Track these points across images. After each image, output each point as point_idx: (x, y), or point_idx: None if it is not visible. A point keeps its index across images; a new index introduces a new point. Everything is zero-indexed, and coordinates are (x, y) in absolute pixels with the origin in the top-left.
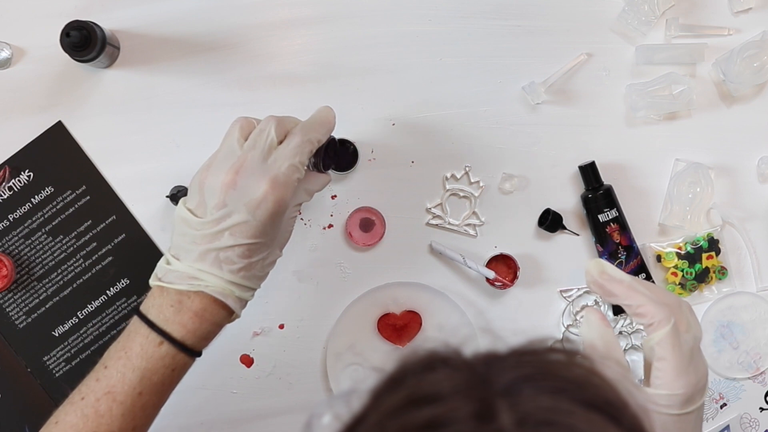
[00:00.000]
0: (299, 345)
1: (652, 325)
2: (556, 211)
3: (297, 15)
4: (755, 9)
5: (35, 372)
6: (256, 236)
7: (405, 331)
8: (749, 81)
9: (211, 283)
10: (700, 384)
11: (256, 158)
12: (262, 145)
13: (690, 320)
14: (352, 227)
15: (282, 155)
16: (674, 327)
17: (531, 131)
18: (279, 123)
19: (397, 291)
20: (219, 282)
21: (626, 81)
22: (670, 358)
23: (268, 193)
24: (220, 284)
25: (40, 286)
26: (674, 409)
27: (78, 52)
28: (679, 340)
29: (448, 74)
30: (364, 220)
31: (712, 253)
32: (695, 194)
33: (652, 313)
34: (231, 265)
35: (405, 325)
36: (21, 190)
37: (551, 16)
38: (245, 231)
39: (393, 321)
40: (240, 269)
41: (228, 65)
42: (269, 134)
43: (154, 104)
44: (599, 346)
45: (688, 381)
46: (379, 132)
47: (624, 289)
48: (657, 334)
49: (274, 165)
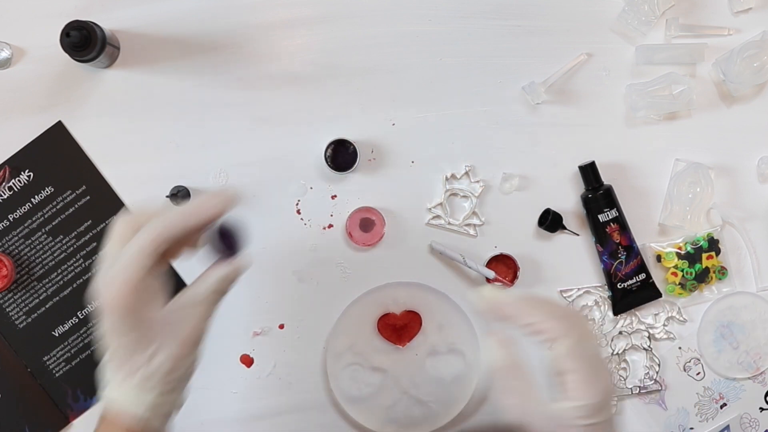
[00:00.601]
0: (299, 345)
1: (555, 340)
2: (556, 211)
3: (297, 15)
4: (755, 9)
5: (35, 372)
6: (112, 347)
7: (405, 331)
8: (749, 81)
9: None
10: (609, 391)
11: (104, 264)
12: (109, 252)
13: (589, 331)
14: (352, 227)
15: (120, 257)
16: (579, 338)
17: (531, 131)
18: (126, 224)
19: (397, 291)
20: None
21: (626, 81)
22: (579, 369)
23: (104, 301)
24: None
25: (40, 286)
26: (589, 419)
27: (78, 52)
28: (585, 351)
29: (448, 74)
30: (364, 220)
31: (712, 253)
32: (695, 194)
33: (554, 328)
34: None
35: (405, 325)
36: (21, 190)
37: (551, 16)
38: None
39: (393, 321)
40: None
41: (228, 65)
42: (111, 239)
43: (154, 104)
44: (502, 369)
45: (598, 389)
46: (379, 132)
47: (519, 309)
48: (562, 348)
49: (109, 269)
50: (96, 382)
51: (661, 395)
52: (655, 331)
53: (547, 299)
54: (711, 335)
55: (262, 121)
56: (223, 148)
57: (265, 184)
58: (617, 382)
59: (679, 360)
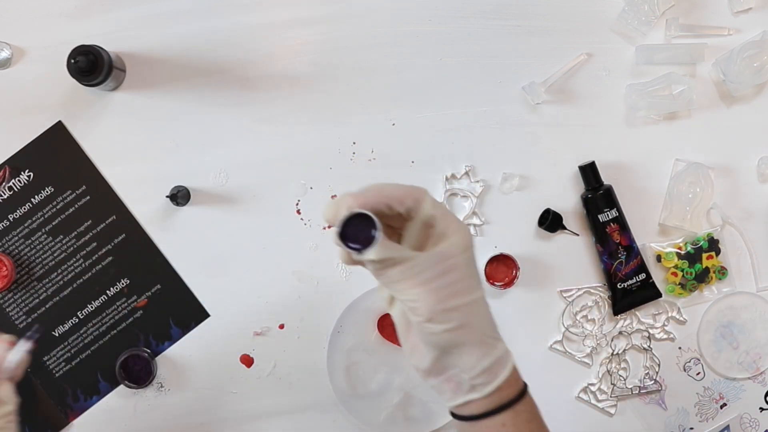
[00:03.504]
0: (299, 345)
1: (418, 201)
2: (556, 211)
3: (297, 15)
4: (755, 9)
5: (35, 372)
6: None
7: None
8: (749, 81)
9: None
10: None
11: None
12: None
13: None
14: None
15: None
16: (429, 194)
17: (531, 131)
18: None
19: None
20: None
21: (626, 81)
22: (447, 214)
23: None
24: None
25: (40, 286)
26: (469, 252)
27: (85, 77)
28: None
29: (448, 74)
30: None
31: (712, 253)
32: (695, 194)
33: (410, 194)
34: None
35: None
36: (21, 190)
37: (551, 16)
38: None
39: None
40: None
41: (228, 65)
42: None
43: (154, 104)
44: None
45: (465, 227)
46: (379, 132)
47: (372, 195)
48: (427, 204)
49: None
50: (96, 382)
51: (661, 395)
52: (655, 331)
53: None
54: (711, 335)
55: (262, 121)
56: (223, 148)
57: (265, 184)
58: (617, 382)
59: (679, 360)
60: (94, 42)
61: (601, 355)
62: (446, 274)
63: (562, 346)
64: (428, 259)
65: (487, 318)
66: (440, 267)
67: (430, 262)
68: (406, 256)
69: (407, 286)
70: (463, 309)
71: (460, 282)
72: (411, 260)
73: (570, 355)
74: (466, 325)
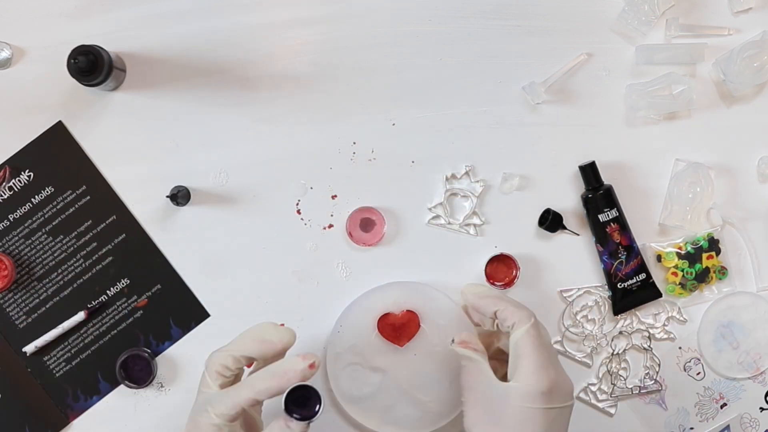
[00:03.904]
0: (299, 345)
1: (514, 325)
2: (556, 211)
3: (297, 15)
4: (755, 9)
5: (35, 372)
6: None
7: (404, 331)
8: (749, 81)
9: None
10: (561, 383)
11: (198, 400)
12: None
13: (543, 327)
14: (352, 227)
15: (211, 402)
16: (534, 325)
17: (531, 131)
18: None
19: (397, 291)
20: None
21: (626, 81)
22: (531, 354)
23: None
24: None
25: (40, 286)
26: (537, 403)
27: (85, 77)
28: (540, 339)
29: (448, 74)
30: (364, 220)
31: (712, 253)
32: (695, 194)
33: (514, 314)
34: None
35: (403, 324)
36: (21, 190)
37: (551, 16)
38: None
39: (392, 321)
40: None
41: (228, 65)
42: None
43: (154, 104)
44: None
45: (548, 376)
46: (379, 132)
47: (489, 300)
48: (519, 331)
49: (198, 412)
50: (96, 381)
51: (661, 395)
52: (655, 331)
53: (507, 296)
54: (711, 335)
55: (262, 121)
56: (223, 148)
57: (265, 184)
58: (617, 382)
59: (679, 360)
60: (94, 42)
61: (601, 355)
62: None
63: (562, 346)
64: None
65: None
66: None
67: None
68: None
69: None
70: None
71: None
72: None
73: (570, 355)
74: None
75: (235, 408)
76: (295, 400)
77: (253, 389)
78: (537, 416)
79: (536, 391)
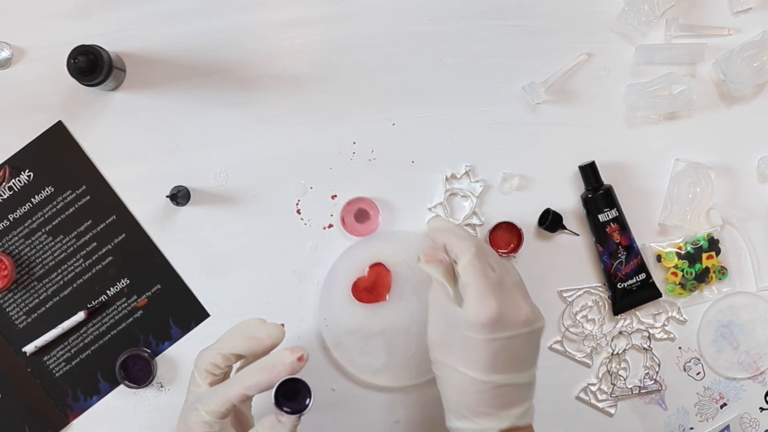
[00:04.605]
0: (299, 344)
1: (458, 256)
2: (556, 211)
3: (297, 15)
4: (755, 9)
5: (35, 372)
6: None
7: (379, 286)
8: (749, 81)
9: None
10: (507, 313)
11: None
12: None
13: (497, 264)
14: (346, 213)
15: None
16: (475, 255)
17: (531, 131)
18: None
19: (354, 254)
20: None
21: (626, 81)
22: (471, 285)
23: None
24: None
25: (40, 286)
26: (478, 334)
27: (85, 77)
28: (483, 271)
29: (448, 74)
30: (360, 211)
31: (712, 253)
32: (695, 194)
33: (456, 245)
34: None
35: (375, 281)
36: (21, 190)
37: (551, 16)
38: None
39: (363, 284)
40: None
41: (228, 65)
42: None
43: (154, 104)
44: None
45: (488, 308)
46: (379, 132)
47: (441, 233)
48: (462, 263)
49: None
50: (96, 381)
51: (661, 395)
52: (654, 331)
53: (459, 227)
54: (711, 335)
55: (262, 121)
56: (223, 148)
57: (265, 184)
58: (617, 382)
59: (679, 360)
60: (94, 42)
61: (601, 355)
62: None
63: (561, 346)
64: None
65: None
66: None
67: None
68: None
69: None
70: None
71: None
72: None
73: (570, 355)
74: None
75: (225, 404)
76: (286, 393)
77: (243, 384)
78: (479, 346)
79: (476, 322)
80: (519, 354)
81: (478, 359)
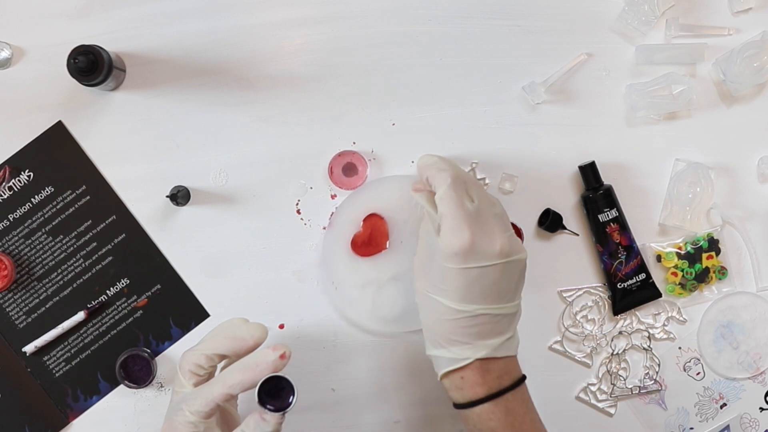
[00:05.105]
0: (299, 345)
1: (435, 187)
2: (556, 211)
3: (297, 15)
4: (755, 9)
5: (35, 372)
6: None
7: (377, 236)
8: (749, 81)
9: None
10: (481, 243)
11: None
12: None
13: (477, 195)
14: (335, 164)
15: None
16: (450, 186)
17: (531, 131)
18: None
19: (346, 211)
20: None
21: (626, 81)
22: (445, 215)
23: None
24: None
25: (40, 286)
26: (452, 263)
27: (85, 77)
28: (458, 201)
29: (448, 74)
30: (348, 165)
31: (712, 253)
32: (695, 194)
33: (434, 177)
34: None
35: (372, 232)
36: (21, 190)
37: (551, 16)
38: None
39: (361, 239)
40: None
41: (228, 65)
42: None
43: (154, 104)
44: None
45: (461, 237)
46: (379, 132)
47: (424, 168)
48: (438, 193)
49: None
50: (96, 381)
51: (661, 395)
52: (654, 331)
53: (443, 161)
54: (711, 335)
55: (262, 121)
56: (223, 148)
57: (265, 184)
58: (617, 382)
59: (679, 360)
60: (94, 42)
61: (601, 355)
62: None
63: (561, 346)
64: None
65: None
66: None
67: None
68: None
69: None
70: None
71: None
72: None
73: (570, 355)
74: None
75: (209, 404)
76: (270, 391)
77: (226, 384)
78: (453, 274)
79: (449, 251)
80: (495, 284)
81: (452, 288)
